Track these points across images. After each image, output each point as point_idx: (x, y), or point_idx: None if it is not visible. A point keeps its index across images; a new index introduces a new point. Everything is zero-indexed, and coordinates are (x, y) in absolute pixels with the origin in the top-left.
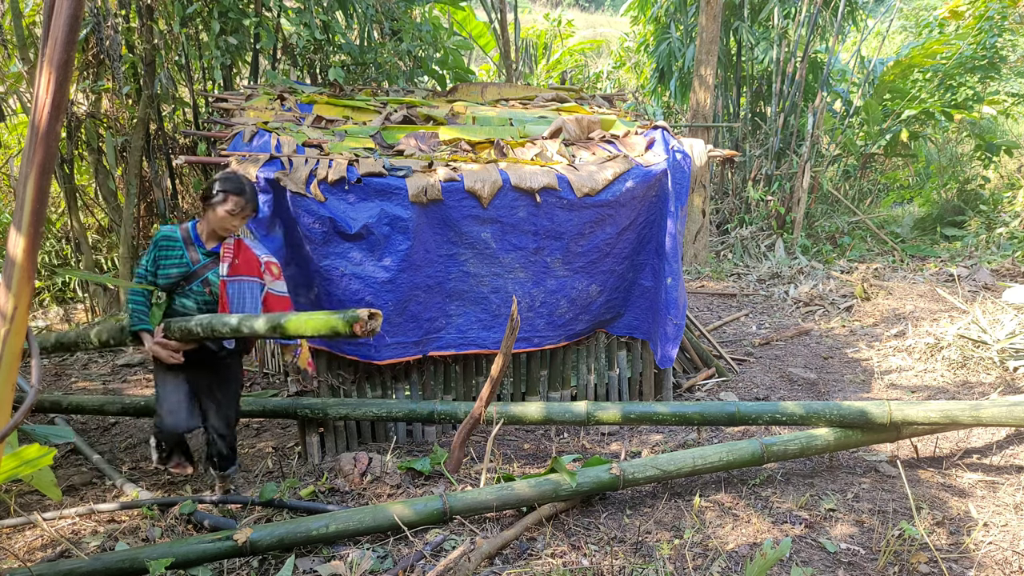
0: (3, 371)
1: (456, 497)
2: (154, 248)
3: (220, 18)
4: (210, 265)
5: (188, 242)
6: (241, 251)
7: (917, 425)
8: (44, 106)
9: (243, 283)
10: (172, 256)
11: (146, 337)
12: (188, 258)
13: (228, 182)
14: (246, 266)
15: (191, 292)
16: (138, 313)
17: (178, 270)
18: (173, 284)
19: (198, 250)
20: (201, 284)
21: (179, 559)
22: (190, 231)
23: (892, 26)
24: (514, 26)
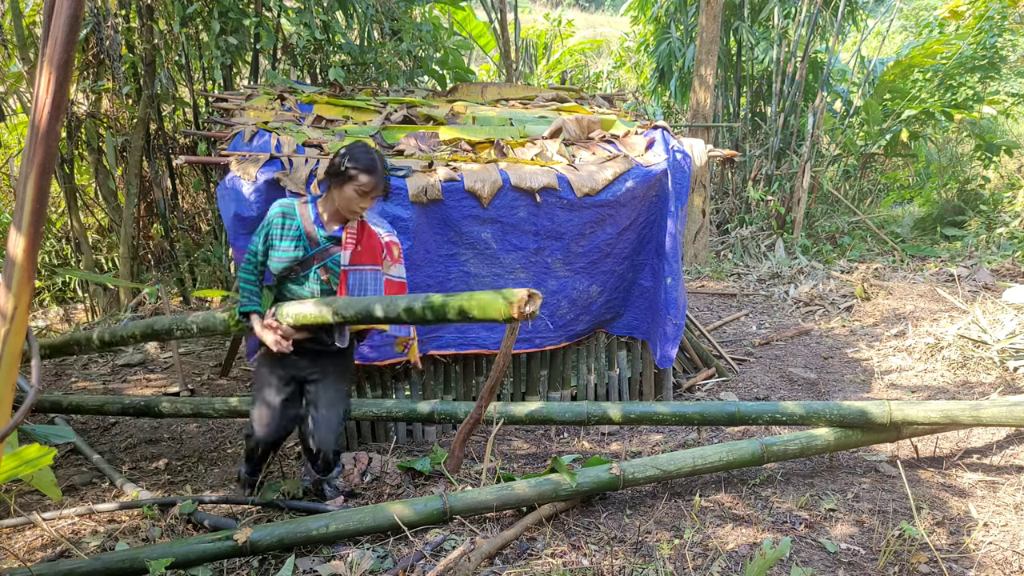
0: (3, 371)
1: (456, 497)
2: (268, 225)
3: (220, 18)
4: (330, 250)
5: (307, 221)
6: (365, 235)
7: (917, 425)
8: (44, 106)
9: (365, 273)
10: (287, 236)
11: (255, 319)
12: (306, 240)
13: (358, 158)
14: (369, 253)
15: (305, 279)
16: (248, 292)
17: (294, 253)
18: (286, 269)
19: (318, 232)
20: (318, 271)
21: (179, 559)
22: (311, 208)
23: (892, 26)
24: (514, 26)
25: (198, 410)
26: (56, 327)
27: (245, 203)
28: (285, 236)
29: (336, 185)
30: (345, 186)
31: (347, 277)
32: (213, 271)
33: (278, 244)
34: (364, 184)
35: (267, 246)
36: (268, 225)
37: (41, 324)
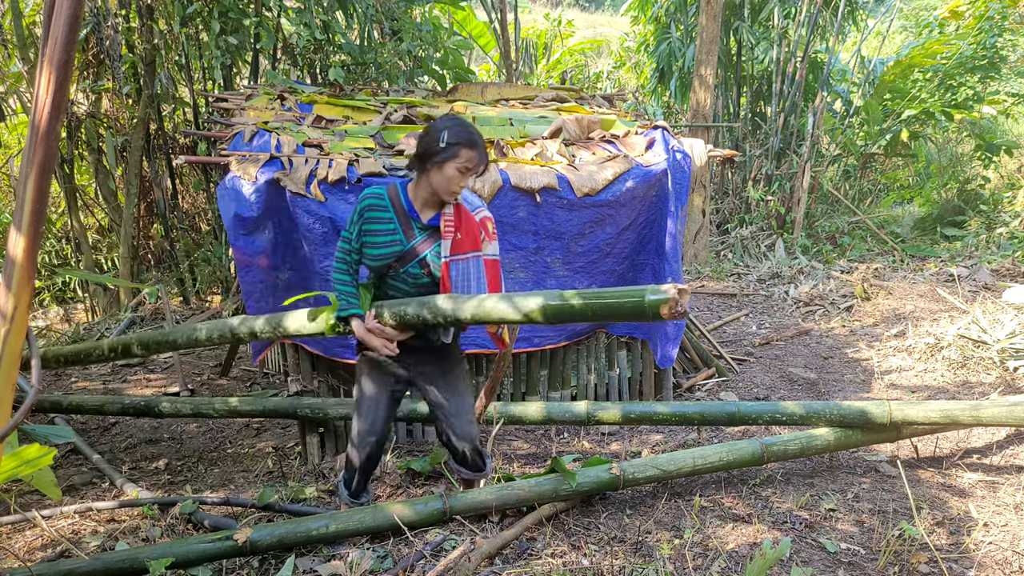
0: (3, 371)
1: (456, 497)
2: (359, 218)
3: (220, 18)
4: (428, 241)
5: (400, 212)
6: (463, 219)
7: (917, 425)
8: (44, 106)
9: (468, 262)
10: (382, 230)
11: (356, 323)
12: (401, 233)
13: (458, 133)
14: (469, 238)
15: (405, 275)
16: (347, 295)
17: (390, 249)
18: (384, 266)
19: (413, 224)
20: (418, 265)
21: (179, 559)
22: (401, 197)
23: (892, 26)
24: (514, 26)
25: (198, 410)
26: (56, 327)
27: (245, 203)
28: (379, 230)
29: (434, 166)
30: (446, 165)
31: (449, 268)
32: (213, 271)
33: (373, 240)
34: (467, 160)
35: (361, 242)
36: (359, 220)
37: (41, 324)
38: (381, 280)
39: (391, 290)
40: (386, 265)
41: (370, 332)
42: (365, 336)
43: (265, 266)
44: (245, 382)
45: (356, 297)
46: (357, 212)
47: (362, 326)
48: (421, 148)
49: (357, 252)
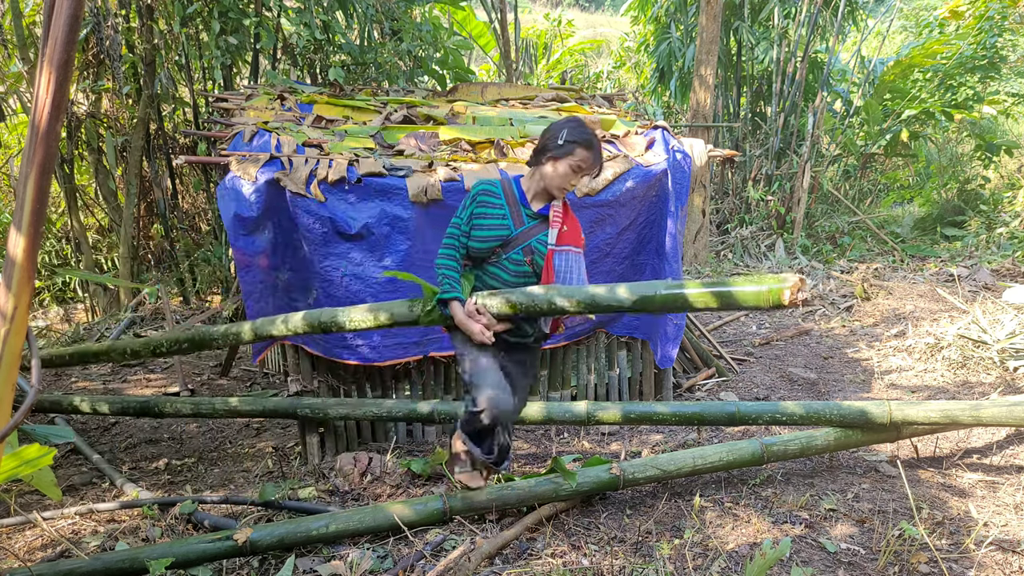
0: (3, 371)
1: (456, 497)
2: (472, 203)
3: (220, 18)
4: (534, 230)
5: (511, 199)
6: (569, 215)
7: (917, 425)
8: (44, 106)
9: (570, 255)
10: (492, 214)
11: (456, 307)
12: (510, 219)
13: (576, 133)
14: (573, 234)
15: (507, 262)
16: (450, 279)
17: (497, 232)
18: (488, 250)
19: (523, 211)
20: (522, 252)
21: (179, 559)
22: (513, 186)
23: (892, 26)
24: (514, 26)
25: (198, 410)
26: (56, 327)
27: (245, 203)
28: (489, 214)
29: (550, 160)
30: (560, 161)
31: (553, 258)
32: (213, 271)
33: (482, 223)
34: (582, 159)
35: (471, 226)
36: (472, 203)
37: (41, 324)
38: (481, 268)
39: (490, 279)
40: (490, 249)
41: (470, 316)
42: (464, 320)
43: (265, 266)
44: (245, 382)
45: (459, 282)
46: (470, 197)
47: (462, 310)
48: (541, 142)
49: (466, 236)
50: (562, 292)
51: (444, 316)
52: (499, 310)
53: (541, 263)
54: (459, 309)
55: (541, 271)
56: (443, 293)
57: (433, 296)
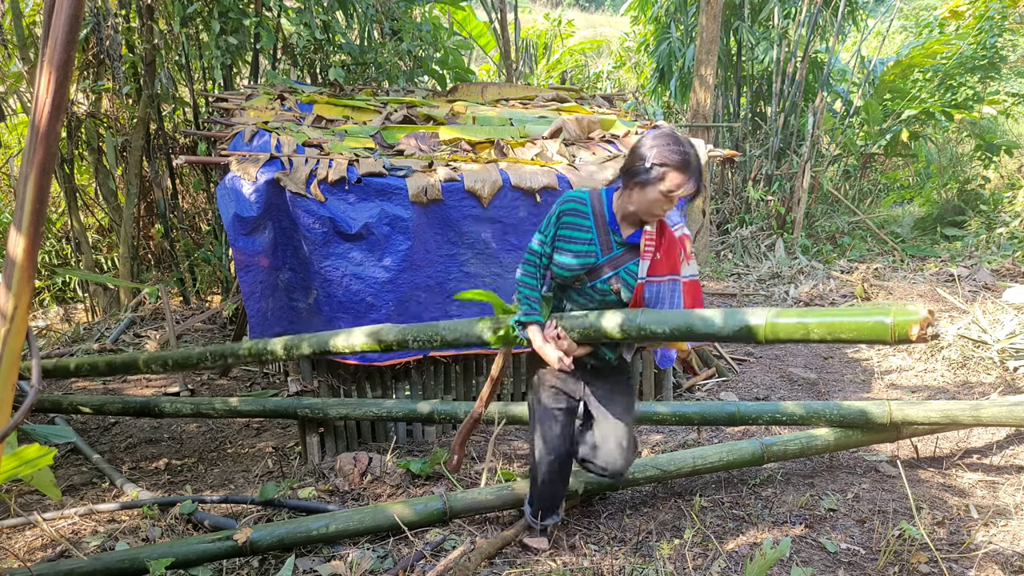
0: (3, 371)
1: (456, 497)
2: (556, 219)
3: (220, 18)
4: (624, 258)
5: (600, 222)
6: (665, 239)
7: (917, 425)
8: (44, 106)
9: (662, 285)
10: (578, 239)
11: (534, 331)
12: (598, 245)
13: (664, 151)
14: (668, 261)
15: (591, 290)
16: (530, 299)
17: (582, 260)
18: (573, 277)
19: (612, 236)
20: (608, 282)
21: (179, 559)
22: (605, 206)
23: (892, 26)
24: (514, 26)
25: (198, 410)
26: (56, 327)
27: (245, 203)
28: (575, 238)
29: (636, 185)
30: (648, 188)
31: (643, 290)
32: (213, 271)
33: (566, 247)
34: (676, 184)
35: (554, 247)
36: (556, 223)
37: (41, 324)
38: (562, 292)
39: (572, 304)
40: (574, 277)
41: (549, 342)
42: (542, 347)
43: (265, 266)
44: (245, 382)
45: (539, 303)
46: (556, 214)
47: (540, 335)
48: (626, 163)
49: (548, 257)
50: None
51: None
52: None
53: (630, 295)
54: (537, 334)
55: (629, 301)
56: (523, 316)
57: (507, 316)
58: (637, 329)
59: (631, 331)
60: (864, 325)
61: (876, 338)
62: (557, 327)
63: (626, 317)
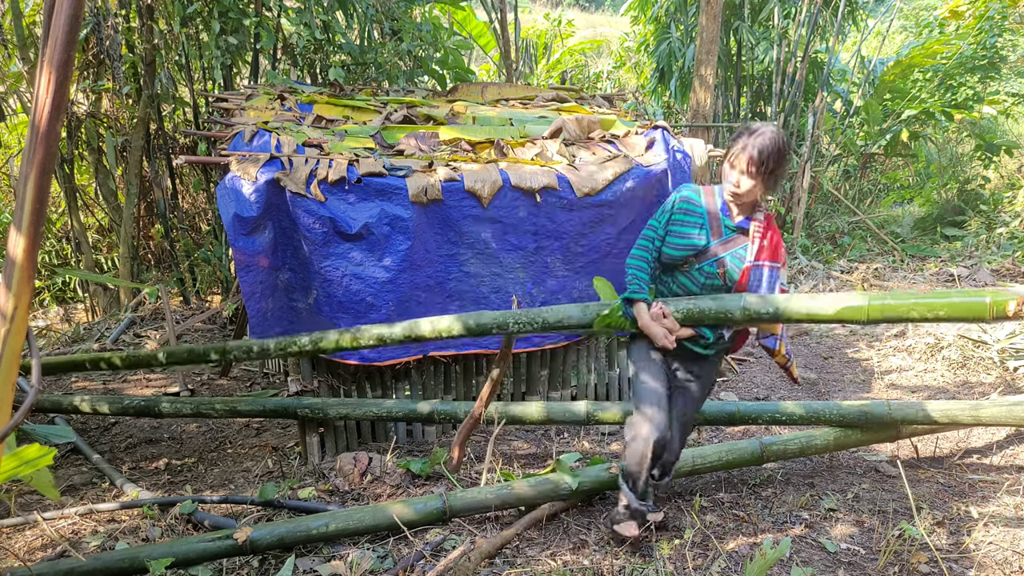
0: (3, 371)
1: (456, 497)
2: (671, 206)
3: (220, 18)
4: (732, 242)
5: (711, 208)
6: (771, 230)
7: (917, 425)
8: (44, 106)
9: (763, 270)
10: (690, 222)
11: (642, 308)
12: (709, 229)
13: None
14: (772, 249)
15: (698, 273)
16: (639, 280)
17: (693, 242)
18: (681, 259)
19: (722, 221)
20: (715, 264)
21: (179, 558)
22: (717, 196)
23: (892, 26)
24: (514, 26)
25: (198, 410)
26: (56, 327)
27: (245, 203)
28: (688, 222)
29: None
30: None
31: (749, 274)
32: (213, 271)
33: (679, 230)
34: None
35: (666, 231)
36: (671, 209)
37: (41, 324)
38: (670, 275)
39: (677, 287)
40: (683, 258)
41: (655, 319)
42: (648, 324)
43: (265, 266)
44: (245, 382)
45: (647, 284)
46: (670, 202)
47: (647, 312)
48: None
49: (660, 240)
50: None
51: (625, 318)
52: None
53: (735, 277)
54: (644, 311)
55: (734, 285)
56: (630, 293)
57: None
58: (742, 310)
59: (735, 312)
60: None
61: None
62: (662, 305)
63: (731, 298)
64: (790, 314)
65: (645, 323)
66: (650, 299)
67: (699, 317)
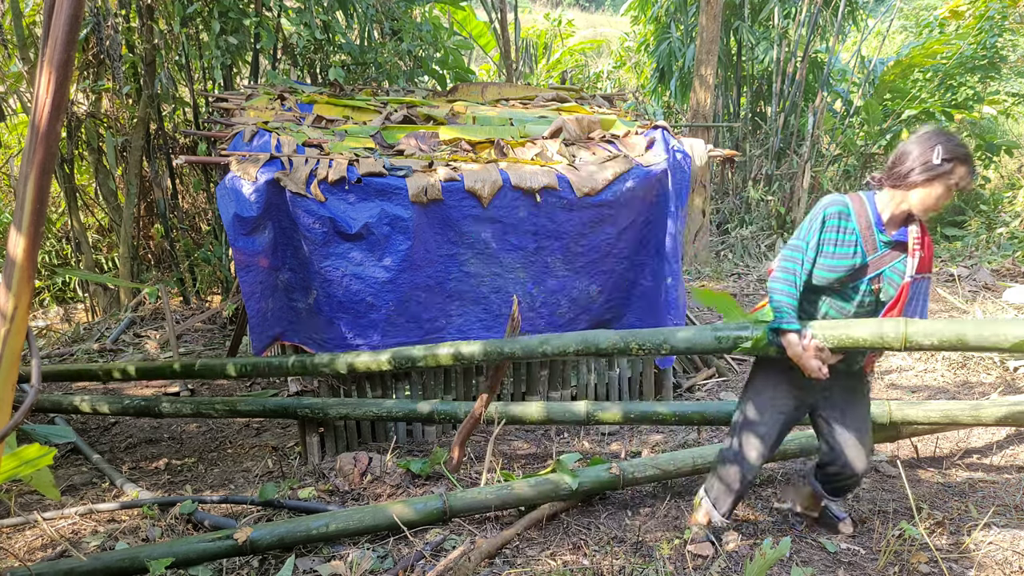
0: (3, 371)
1: (456, 497)
2: (821, 226)
3: (220, 18)
4: (888, 257)
5: (863, 222)
6: (925, 236)
7: (917, 425)
8: (44, 106)
9: (923, 282)
10: (843, 242)
11: (793, 338)
12: (862, 245)
13: (951, 147)
14: (929, 257)
15: (851, 291)
16: (788, 306)
17: (847, 262)
18: (836, 280)
19: (877, 236)
20: (870, 282)
21: (179, 558)
22: (868, 208)
23: (892, 26)
24: (514, 26)
25: (198, 410)
26: (56, 327)
27: (245, 203)
28: (841, 242)
29: (925, 182)
30: (936, 182)
31: (907, 289)
32: (213, 271)
33: (832, 251)
34: (961, 178)
35: (816, 252)
36: (820, 228)
37: (41, 324)
38: (816, 295)
39: (828, 308)
40: (837, 279)
41: (808, 351)
42: (800, 356)
43: (265, 266)
44: (245, 382)
45: (796, 310)
46: (819, 220)
47: (799, 343)
48: (907, 162)
49: (809, 263)
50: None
51: (770, 346)
52: (837, 346)
53: (892, 294)
54: (796, 342)
55: (889, 302)
56: (781, 323)
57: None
58: (903, 340)
59: (894, 343)
60: None
61: None
62: (814, 337)
63: (890, 325)
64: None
65: (796, 355)
66: (800, 328)
67: (852, 346)
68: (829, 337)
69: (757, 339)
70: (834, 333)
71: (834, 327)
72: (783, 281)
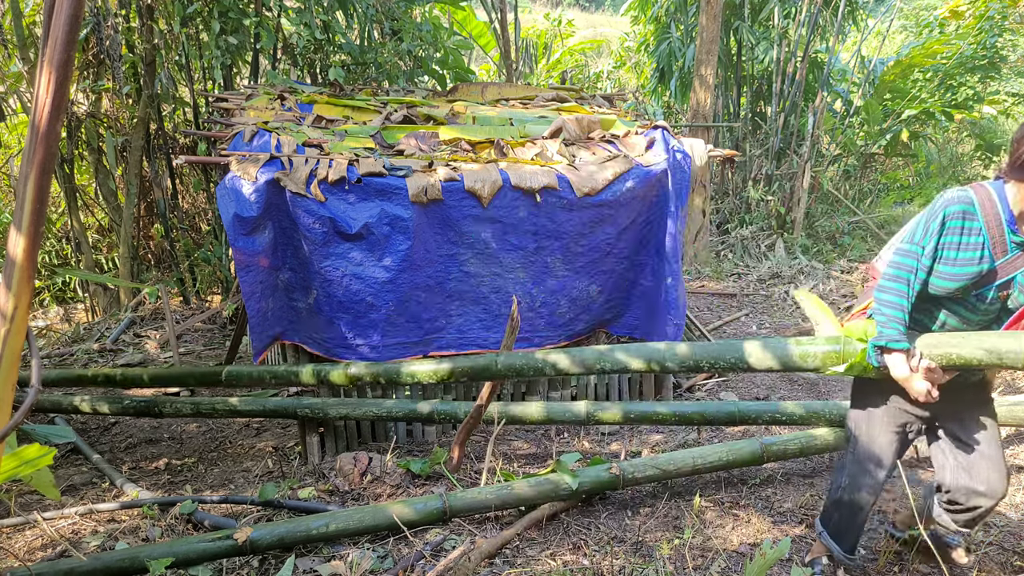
0: (3, 371)
1: (456, 497)
2: (941, 227)
3: (220, 18)
4: (1019, 260)
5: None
6: None
7: None
8: (44, 106)
9: None
10: (968, 245)
11: (899, 358)
12: (990, 248)
13: None
14: None
15: (975, 299)
16: (897, 320)
17: (972, 268)
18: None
19: (1008, 236)
20: (998, 288)
21: (179, 558)
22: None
23: (892, 26)
24: (514, 26)
25: (198, 410)
26: (56, 327)
27: (245, 203)
28: (965, 245)
29: None
30: None
31: None
32: (213, 271)
33: (954, 255)
34: None
35: (935, 258)
36: (941, 228)
37: (41, 324)
38: (931, 304)
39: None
40: (959, 288)
41: (919, 372)
42: (907, 378)
43: (265, 266)
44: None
45: (906, 326)
46: (938, 220)
47: (905, 364)
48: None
49: (924, 270)
50: None
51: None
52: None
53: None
54: (903, 363)
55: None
56: (888, 341)
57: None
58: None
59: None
60: None
61: None
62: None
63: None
64: None
65: (903, 376)
66: (909, 347)
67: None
68: (933, 356)
69: (857, 357)
70: (938, 352)
71: (937, 344)
72: (893, 292)
